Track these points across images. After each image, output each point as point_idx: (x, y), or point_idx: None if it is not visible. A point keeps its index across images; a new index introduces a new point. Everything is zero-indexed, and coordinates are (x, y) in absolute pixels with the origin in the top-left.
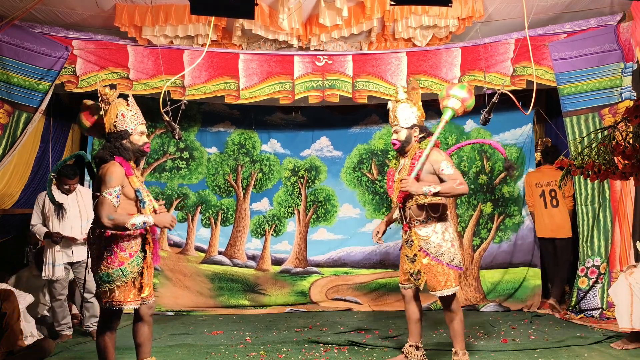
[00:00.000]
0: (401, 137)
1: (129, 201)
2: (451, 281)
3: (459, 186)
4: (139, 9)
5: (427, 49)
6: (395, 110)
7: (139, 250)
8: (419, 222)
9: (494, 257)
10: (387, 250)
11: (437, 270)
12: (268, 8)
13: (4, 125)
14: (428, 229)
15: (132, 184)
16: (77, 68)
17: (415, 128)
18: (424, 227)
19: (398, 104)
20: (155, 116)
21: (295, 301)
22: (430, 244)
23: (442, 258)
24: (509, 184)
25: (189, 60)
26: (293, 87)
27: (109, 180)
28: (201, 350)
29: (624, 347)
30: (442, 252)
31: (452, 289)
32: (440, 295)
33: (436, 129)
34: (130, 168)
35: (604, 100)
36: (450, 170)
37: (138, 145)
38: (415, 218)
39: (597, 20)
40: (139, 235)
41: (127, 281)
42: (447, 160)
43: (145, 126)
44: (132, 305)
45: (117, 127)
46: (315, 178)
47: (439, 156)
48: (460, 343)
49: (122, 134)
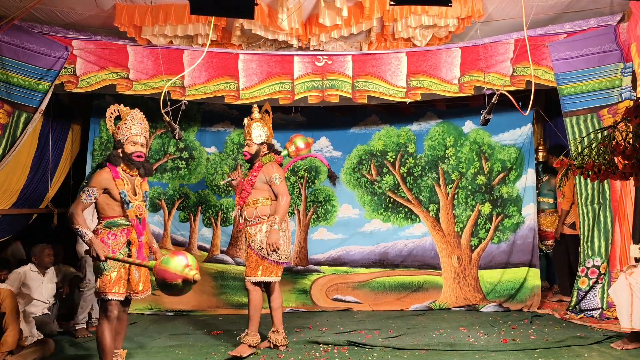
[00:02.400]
0: (252, 151)
1: (117, 203)
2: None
3: (285, 205)
4: (138, 9)
5: (427, 49)
6: (250, 127)
7: (123, 247)
8: (251, 222)
9: (492, 257)
10: (386, 250)
11: (256, 261)
12: (268, 8)
13: (4, 125)
14: (255, 228)
15: (117, 186)
16: (77, 68)
17: (264, 145)
18: (252, 227)
19: (253, 122)
20: (155, 116)
21: (296, 299)
22: (255, 241)
23: (261, 253)
24: (508, 184)
25: (188, 60)
26: (293, 87)
27: (89, 181)
28: (201, 350)
29: (624, 347)
30: (262, 247)
31: (262, 278)
32: (251, 280)
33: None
34: (118, 172)
35: (603, 101)
36: (278, 182)
37: (128, 153)
38: (247, 219)
39: (596, 20)
40: (124, 235)
41: (107, 274)
42: (279, 174)
43: (139, 137)
44: (116, 297)
45: (115, 138)
46: (315, 178)
47: (273, 170)
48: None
49: (116, 144)
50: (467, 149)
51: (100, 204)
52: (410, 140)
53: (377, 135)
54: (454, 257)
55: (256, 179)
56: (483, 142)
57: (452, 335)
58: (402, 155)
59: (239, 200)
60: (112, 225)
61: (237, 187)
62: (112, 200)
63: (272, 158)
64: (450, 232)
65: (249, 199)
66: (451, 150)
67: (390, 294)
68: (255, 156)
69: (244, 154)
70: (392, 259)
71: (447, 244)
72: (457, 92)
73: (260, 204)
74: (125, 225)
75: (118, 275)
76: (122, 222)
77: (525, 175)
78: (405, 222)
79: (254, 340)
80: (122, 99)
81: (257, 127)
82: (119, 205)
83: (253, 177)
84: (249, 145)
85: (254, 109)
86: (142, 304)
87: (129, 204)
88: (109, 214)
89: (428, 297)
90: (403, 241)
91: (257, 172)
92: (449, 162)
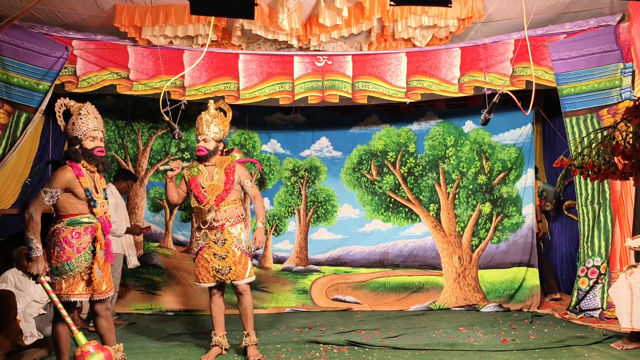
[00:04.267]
0: (209, 147)
1: (80, 201)
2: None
3: (263, 205)
4: (138, 9)
5: (427, 49)
6: (208, 122)
7: (88, 247)
8: (231, 222)
9: (492, 257)
10: (386, 250)
11: (244, 261)
12: (268, 8)
13: (4, 125)
14: (237, 228)
15: (82, 184)
16: (77, 68)
17: (222, 142)
18: (233, 227)
19: (211, 117)
20: (155, 117)
21: (296, 299)
22: (240, 240)
23: (248, 251)
24: (508, 184)
25: (189, 60)
26: (293, 87)
27: (50, 181)
28: (201, 351)
29: (624, 347)
30: (248, 246)
31: (252, 277)
32: (246, 282)
33: None
34: (80, 170)
35: (603, 101)
36: (251, 184)
37: (88, 149)
38: (228, 219)
39: (596, 20)
40: (89, 234)
41: (74, 275)
42: (249, 177)
43: (97, 132)
44: (79, 298)
45: (70, 135)
46: (315, 178)
47: (246, 172)
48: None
49: (73, 140)
50: (468, 149)
51: (61, 203)
52: (411, 140)
53: (377, 135)
54: (455, 257)
55: (233, 178)
56: (483, 141)
57: (452, 335)
58: (403, 155)
59: (218, 199)
60: (75, 223)
61: (194, 187)
62: (75, 198)
63: (235, 158)
64: (451, 232)
65: (228, 198)
66: (451, 150)
67: (391, 294)
68: (213, 153)
69: (200, 149)
70: (393, 259)
71: (448, 243)
72: (457, 92)
73: (238, 203)
74: (89, 223)
75: (80, 277)
76: (86, 220)
77: (525, 175)
78: (406, 222)
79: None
80: (123, 99)
81: (216, 122)
82: (82, 203)
83: (230, 177)
84: (206, 141)
85: (209, 104)
86: (142, 304)
87: (95, 202)
88: (71, 211)
89: (428, 297)
90: (403, 241)
91: (231, 172)
92: (450, 162)
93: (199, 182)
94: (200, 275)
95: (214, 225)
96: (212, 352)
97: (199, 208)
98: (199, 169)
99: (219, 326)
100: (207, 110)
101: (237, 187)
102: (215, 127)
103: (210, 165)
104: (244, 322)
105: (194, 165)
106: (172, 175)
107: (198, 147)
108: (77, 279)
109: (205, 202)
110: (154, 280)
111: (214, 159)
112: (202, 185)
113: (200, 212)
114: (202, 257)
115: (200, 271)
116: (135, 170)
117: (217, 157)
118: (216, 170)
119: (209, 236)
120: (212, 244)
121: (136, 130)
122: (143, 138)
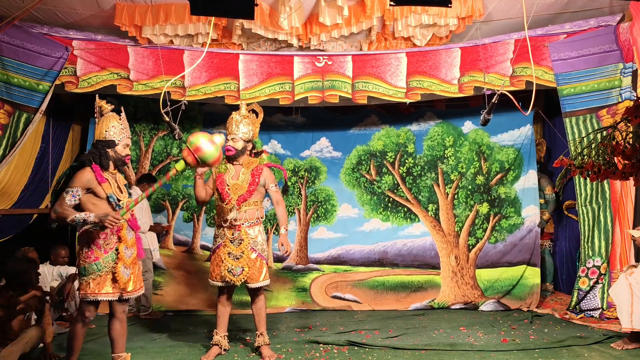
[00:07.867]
0: (238, 147)
1: (101, 200)
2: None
3: (285, 209)
4: (139, 8)
5: (427, 50)
6: (238, 122)
7: (115, 247)
8: (250, 223)
9: (489, 257)
10: (385, 249)
11: (260, 264)
12: (268, 8)
13: (4, 125)
14: (255, 230)
15: (104, 189)
16: (78, 68)
17: (250, 143)
18: (251, 228)
19: (241, 117)
20: (156, 117)
21: (296, 297)
22: (257, 242)
23: (264, 254)
24: (506, 185)
25: (189, 60)
26: (293, 87)
27: (73, 181)
28: (201, 351)
29: (624, 347)
30: (264, 249)
31: (267, 281)
32: (260, 285)
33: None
34: (103, 176)
35: (603, 101)
36: (276, 188)
37: (121, 155)
38: (248, 220)
39: (596, 20)
40: (115, 234)
41: (101, 275)
42: (275, 181)
43: (130, 140)
44: (107, 297)
45: (107, 137)
46: (315, 178)
47: (272, 176)
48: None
49: (109, 143)
50: (467, 149)
51: (85, 205)
52: (410, 140)
53: (376, 135)
54: (452, 256)
55: (259, 180)
56: (482, 142)
57: (452, 335)
58: (402, 155)
59: (240, 198)
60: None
61: (219, 185)
62: (97, 198)
63: (264, 161)
64: (450, 232)
65: (250, 200)
66: (450, 150)
67: (390, 293)
68: (241, 153)
69: (229, 148)
70: (392, 258)
71: (447, 243)
72: (456, 92)
73: (260, 205)
74: None
75: (107, 277)
76: None
77: (525, 176)
78: (405, 221)
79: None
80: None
81: (245, 123)
82: (105, 203)
83: (255, 179)
84: (235, 141)
85: (241, 105)
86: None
87: (119, 204)
88: (96, 212)
89: (428, 296)
90: (402, 240)
91: (258, 174)
92: (448, 162)
93: (224, 179)
94: (214, 273)
95: (233, 224)
96: (211, 351)
97: (220, 206)
98: (227, 167)
99: (222, 326)
100: (238, 111)
101: (261, 190)
102: (245, 128)
103: (238, 165)
104: (257, 322)
105: (222, 162)
106: (202, 172)
107: (227, 147)
108: (104, 279)
109: (227, 200)
110: (155, 280)
111: (242, 159)
112: (227, 183)
113: (222, 210)
114: (218, 255)
115: (214, 269)
116: (137, 172)
117: (245, 157)
118: (243, 170)
119: (227, 235)
120: (228, 242)
121: (138, 131)
122: (145, 140)
